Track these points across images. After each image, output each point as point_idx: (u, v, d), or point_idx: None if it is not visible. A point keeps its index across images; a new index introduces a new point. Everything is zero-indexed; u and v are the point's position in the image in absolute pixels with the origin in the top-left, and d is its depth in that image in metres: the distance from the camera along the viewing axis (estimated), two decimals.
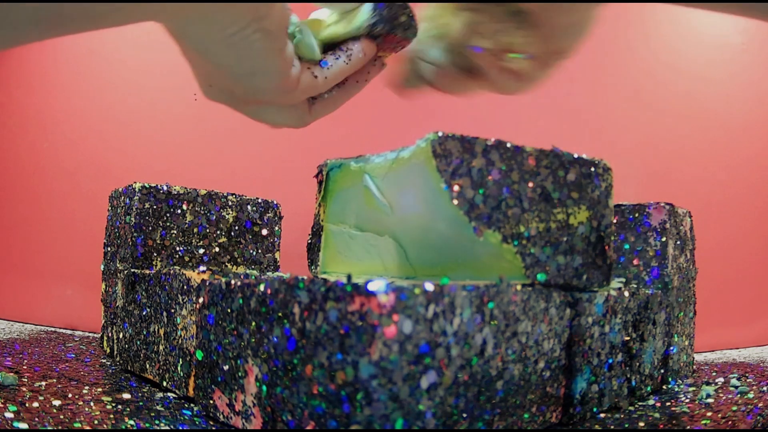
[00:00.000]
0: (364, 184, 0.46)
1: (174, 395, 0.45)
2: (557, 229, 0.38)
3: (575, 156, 0.39)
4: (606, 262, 0.40)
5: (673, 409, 0.44)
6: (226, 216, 0.62)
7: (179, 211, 0.60)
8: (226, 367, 0.37)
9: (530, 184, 0.38)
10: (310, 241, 0.54)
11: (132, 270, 0.54)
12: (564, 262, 0.38)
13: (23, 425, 0.34)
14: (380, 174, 0.45)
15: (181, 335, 0.44)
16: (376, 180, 0.45)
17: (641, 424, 0.40)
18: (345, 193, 0.50)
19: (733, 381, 0.53)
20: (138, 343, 0.51)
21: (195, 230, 0.60)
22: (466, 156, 0.37)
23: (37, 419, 0.35)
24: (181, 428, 0.37)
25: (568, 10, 0.34)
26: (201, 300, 0.41)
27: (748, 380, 0.53)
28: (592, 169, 0.40)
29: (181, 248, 0.60)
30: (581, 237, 0.39)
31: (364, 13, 0.36)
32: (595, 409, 0.42)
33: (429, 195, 0.39)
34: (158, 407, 0.41)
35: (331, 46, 0.37)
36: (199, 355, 0.40)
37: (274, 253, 0.65)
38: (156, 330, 0.48)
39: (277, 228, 0.66)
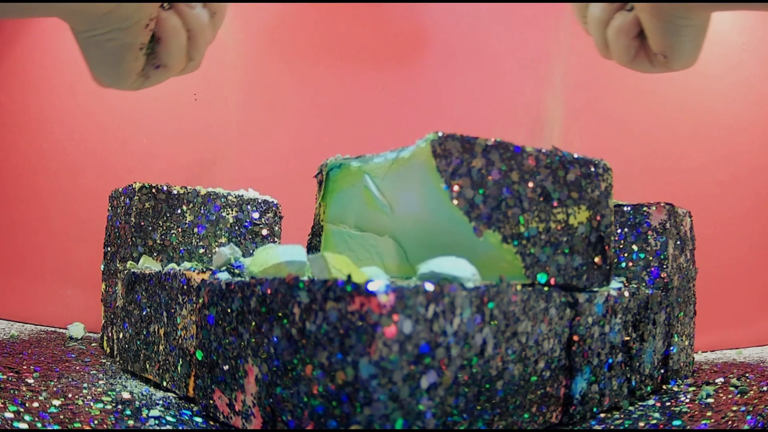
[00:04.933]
0: (364, 184, 0.46)
1: (174, 395, 0.45)
2: (557, 229, 0.38)
3: (575, 156, 0.39)
4: (606, 262, 0.40)
5: (673, 409, 0.44)
6: (226, 216, 0.62)
7: (179, 211, 0.60)
8: (226, 367, 0.37)
9: (530, 184, 0.38)
10: (310, 241, 0.54)
11: (132, 270, 0.54)
12: (564, 262, 0.38)
13: (23, 425, 0.34)
14: (380, 174, 0.45)
15: (181, 335, 0.44)
16: (376, 180, 0.45)
17: (641, 424, 0.40)
18: (345, 193, 0.50)
19: (733, 381, 0.53)
20: (138, 343, 0.51)
21: (195, 230, 0.60)
22: (466, 156, 0.37)
23: (37, 419, 0.35)
24: (181, 428, 0.37)
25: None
26: (201, 300, 0.41)
27: (748, 380, 0.53)
28: (592, 169, 0.40)
29: (182, 248, 0.60)
30: (581, 237, 0.39)
31: None
32: (595, 409, 0.42)
33: (429, 195, 0.39)
34: (158, 407, 0.41)
35: None
36: (199, 355, 0.40)
37: None
38: (156, 330, 0.48)
39: (277, 228, 0.66)
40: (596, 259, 0.40)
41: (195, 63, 0.43)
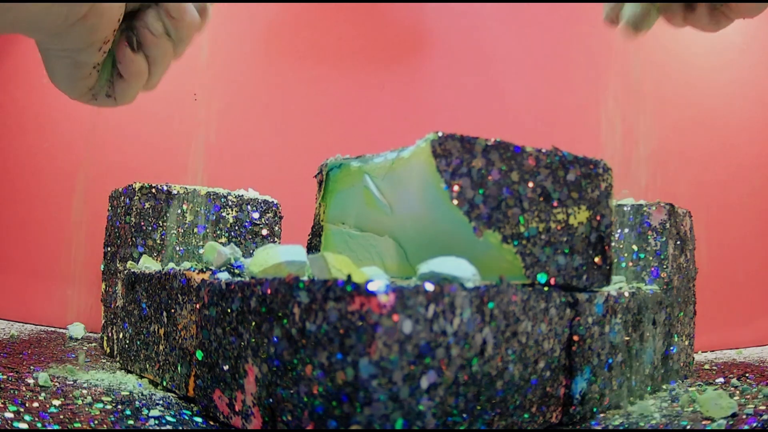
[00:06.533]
0: (364, 184, 0.46)
1: (174, 395, 0.45)
2: (557, 229, 0.38)
3: (575, 156, 0.39)
4: (606, 262, 0.40)
5: (673, 409, 0.44)
6: (226, 216, 0.62)
7: (179, 211, 0.60)
8: (226, 367, 0.37)
9: (530, 184, 0.38)
10: (310, 241, 0.54)
11: (132, 270, 0.54)
12: (564, 262, 0.38)
13: (23, 425, 0.34)
14: (380, 174, 0.45)
15: (181, 335, 0.44)
16: (376, 180, 0.45)
17: (641, 424, 0.40)
18: (345, 193, 0.50)
19: (733, 381, 0.53)
20: (138, 343, 0.51)
21: (195, 230, 0.60)
22: (466, 156, 0.37)
23: (37, 419, 0.35)
24: (181, 428, 0.37)
25: None
26: (201, 300, 0.40)
27: (748, 380, 0.53)
28: (592, 169, 0.40)
29: (181, 248, 0.60)
30: (581, 237, 0.39)
31: None
32: (595, 409, 0.42)
33: (429, 195, 0.39)
34: (158, 407, 0.41)
35: None
36: (199, 355, 0.40)
37: None
38: (156, 330, 0.48)
39: (277, 228, 0.66)
40: (596, 259, 0.40)
41: (150, 87, 0.43)
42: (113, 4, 0.35)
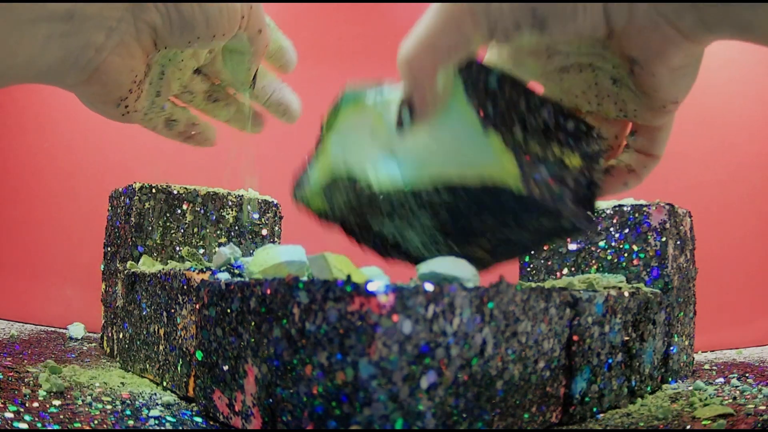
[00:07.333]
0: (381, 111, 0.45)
1: (174, 395, 0.45)
2: (552, 160, 0.38)
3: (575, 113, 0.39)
4: (593, 211, 0.40)
5: (674, 408, 0.44)
6: (226, 216, 0.62)
7: (179, 211, 0.60)
8: (225, 367, 0.37)
9: (534, 115, 0.38)
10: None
11: (132, 270, 0.54)
12: (556, 189, 0.38)
13: (23, 425, 0.34)
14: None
15: (181, 335, 0.44)
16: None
17: (641, 424, 0.40)
18: (351, 123, 0.48)
19: (733, 381, 0.53)
20: (138, 343, 0.51)
21: (195, 230, 0.60)
22: (482, 77, 0.37)
23: (37, 419, 0.35)
24: (181, 428, 0.37)
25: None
26: (201, 300, 0.41)
27: (748, 380, 0.53)
28: (589, 129, 0.39)
29: (181, 248, 0.60)
30: (572, 176, 0.39)
31: None
32: (595, 409, 0.42)
33: (448, 111, 0.38)
34: (158, 407, 0.41)
35: None
36: (199, 355, 0.40)
37: None
38: (156, 330, 0.48)
39: (277, 228, 0.66)
40: (586, 206, 0.39)
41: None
42: (118, 71, 0.35)
